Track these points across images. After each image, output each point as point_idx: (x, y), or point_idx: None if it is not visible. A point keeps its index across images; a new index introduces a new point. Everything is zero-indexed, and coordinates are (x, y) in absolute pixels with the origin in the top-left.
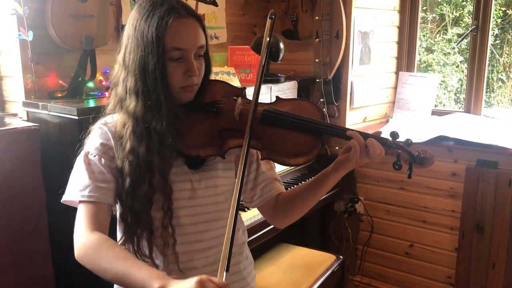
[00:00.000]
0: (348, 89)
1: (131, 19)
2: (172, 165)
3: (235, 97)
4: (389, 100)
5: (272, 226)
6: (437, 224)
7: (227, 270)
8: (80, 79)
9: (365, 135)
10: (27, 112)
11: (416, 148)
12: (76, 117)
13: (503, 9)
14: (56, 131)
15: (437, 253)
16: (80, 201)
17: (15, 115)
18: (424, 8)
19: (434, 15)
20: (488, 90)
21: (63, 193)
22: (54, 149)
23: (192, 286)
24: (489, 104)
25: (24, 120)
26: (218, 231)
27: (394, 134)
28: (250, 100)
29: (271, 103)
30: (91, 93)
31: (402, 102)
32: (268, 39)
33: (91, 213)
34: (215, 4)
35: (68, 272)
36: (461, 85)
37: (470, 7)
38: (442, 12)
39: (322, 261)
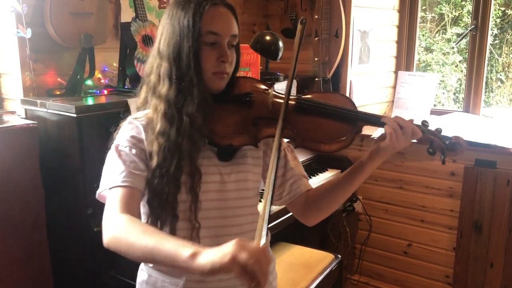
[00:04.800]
0: (347, 88)
1: (167, 11)
2: (200, 149)
3: (265, 90)
4: (388, 99)
5: (269, 225)
6: (435, 224)
7: (266, 235)
8: (78, 77)
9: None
10: (26, 109)
11: (448, 136)
12: (75, 115)
13: (503, 9)
14: (54, 129)
15: (435, 252)
16: (112, 187)
17: (13, 112)
18: (424, 7)
19: (433, 14)
20: (487, 90)
21: (60, 191)
22: (53, 147)
23: (229, 250)
24: (488, 103)
25: (22, 118)
26: (243, 227)
27: (425, 122)
28: (281, 93)
29: (303, 94)
30: (90, 91)
31: (401, 102)
32: (299, 42)
33: (123, 196)
34: None
35: (66, 269)
36: (460, 84)
37: (469, 7)
38: (441, 12)
39: (320, 260)
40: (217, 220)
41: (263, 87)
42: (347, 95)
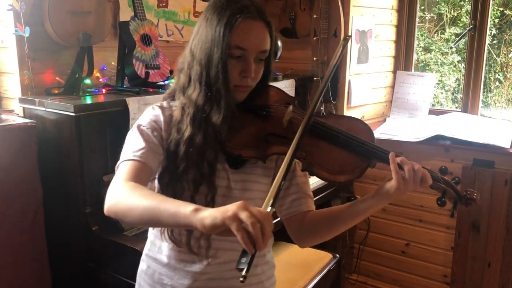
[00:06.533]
0: (345, 88)
1: (206, 9)
2: (218, 158)
3: (286, 105)
4: (386, 99)
5: None
6: (433, 223)
7: (272, 206)
8: (77, 75)
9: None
10: (24, 108)
11: (463, 188)
12: (73, 114)
13: (501, 9)
14: (52, 128)
15: (433, 252)
16: (127, 160)
17: (11, 111)
18: (422, 7)
19: (432, 14)
20: (485, 90)
21: (58, 190)
22: (51, 146)
23: (232, 207)
24: (486, 104)
25: (20, 117)
26: None
27: (443, 170)
28: (301, 110)
29: (322, 117)
30: (88, 90)
31: (399, 101)
32: (336, 61)
33: (134, 169)
34: None
35: (65, 267)
36: (459, 84)
37: (468, 7)
38: (440, 12)
39: (318, 259)
40: None
41: (285, 101)
42: (346, 95)
